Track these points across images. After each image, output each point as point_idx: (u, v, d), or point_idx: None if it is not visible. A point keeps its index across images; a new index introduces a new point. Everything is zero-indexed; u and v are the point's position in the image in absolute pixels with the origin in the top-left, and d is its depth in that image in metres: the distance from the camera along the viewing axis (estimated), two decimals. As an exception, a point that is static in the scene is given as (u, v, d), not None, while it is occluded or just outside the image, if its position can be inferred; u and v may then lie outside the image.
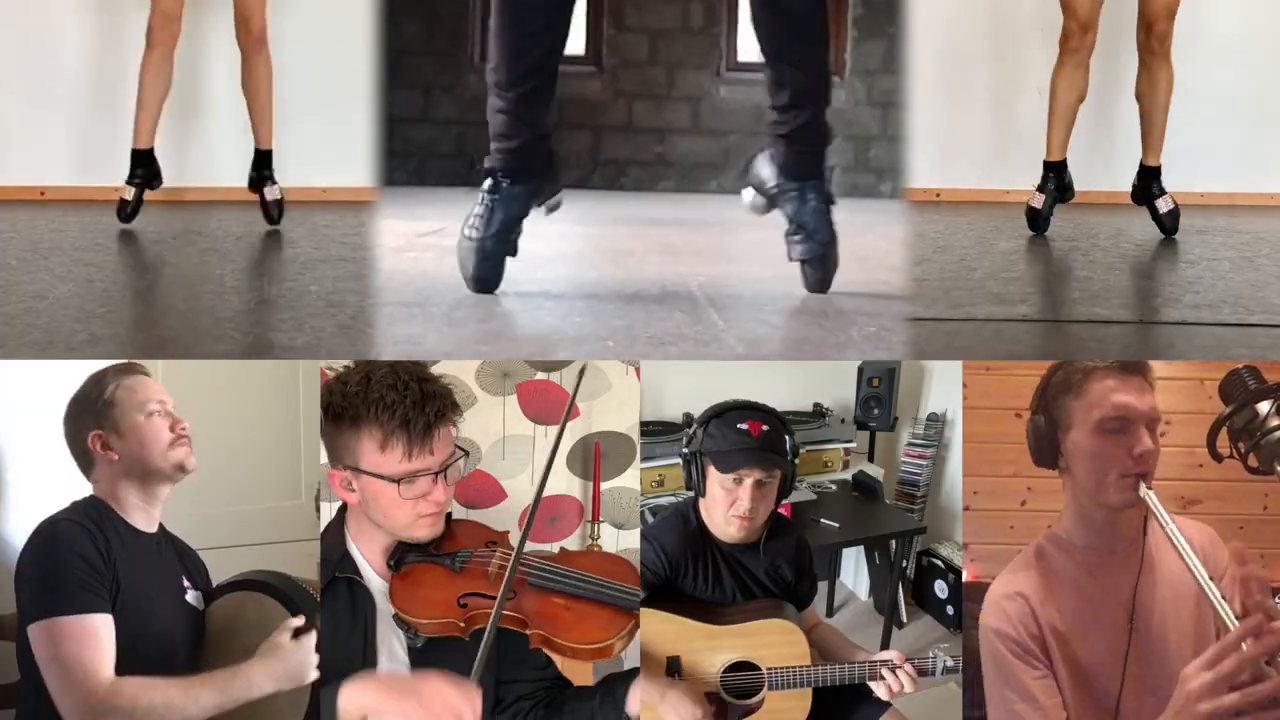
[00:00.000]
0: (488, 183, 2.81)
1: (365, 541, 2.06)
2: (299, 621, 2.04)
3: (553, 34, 2.76)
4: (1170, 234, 4.08)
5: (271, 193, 4.12)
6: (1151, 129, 4.08)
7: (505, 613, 1.93)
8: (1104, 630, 1.90)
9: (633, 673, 2.04)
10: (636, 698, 2.01)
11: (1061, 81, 4.00)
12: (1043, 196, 4.10)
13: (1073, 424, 1.90)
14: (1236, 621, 1.60)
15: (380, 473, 1.96)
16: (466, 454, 2.03)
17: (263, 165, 4.12)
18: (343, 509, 2.11)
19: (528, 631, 1.96)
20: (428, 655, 1.98)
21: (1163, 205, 4.10)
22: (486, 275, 2.79)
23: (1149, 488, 1.83)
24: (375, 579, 2.04)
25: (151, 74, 3.94)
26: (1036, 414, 1.94)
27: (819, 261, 2.89)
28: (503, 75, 2.75)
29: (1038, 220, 4.12)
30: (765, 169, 2.95)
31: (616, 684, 2.04)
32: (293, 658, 1.99)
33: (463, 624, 1.95)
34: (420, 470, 1.96)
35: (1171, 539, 1.75)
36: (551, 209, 2.89)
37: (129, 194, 4.01)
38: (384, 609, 2.01)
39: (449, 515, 2.10)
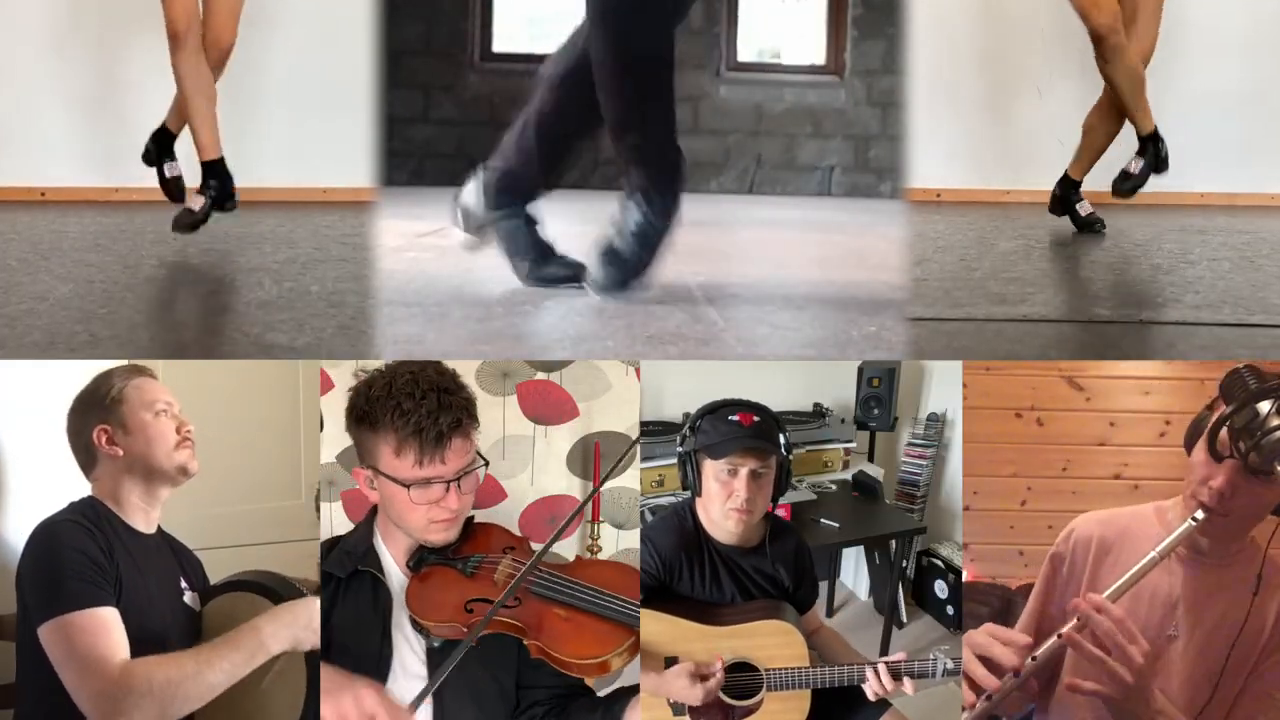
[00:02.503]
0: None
1: (391, 540, 2.12)
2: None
3: None
4: (1098, 231, 4.14)
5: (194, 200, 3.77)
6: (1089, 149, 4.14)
7: (508, 620, 1.95)
8: (1137, 618, 1.90)
9: (634, 689, 2.04)
10: (636, 715, 2.02)
11: (1119, 74, 3.95)
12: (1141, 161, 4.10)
13: (1203, 431, 1.92)
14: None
15: (394, 476, 2.01)
16: (487, 463, 2.08)
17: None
18: (374, 507, 2.16)
19: (526, 641, 1.97)
20: (444, 656, 2.01)
21: (1084, 209, 4.19)
22: None
23: (1196, 519, 1.84)
24: (397, 576, 2.09)
25: (190, 75, 3.66)
26: (1213, 406, 1.93)
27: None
28: None
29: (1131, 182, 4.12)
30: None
31: (619, 698, 2.06)
32: (301, 614, 1.99)
33: (466, 629, 1.96)
34: (432, 478, 2.00)
35: (1138, 567, 1.77)
36: None
37: (197, 205, 3.73)
38: (403, 607, 2.06)
39: (471, 518, 2.13)
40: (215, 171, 3.73)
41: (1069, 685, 1.71)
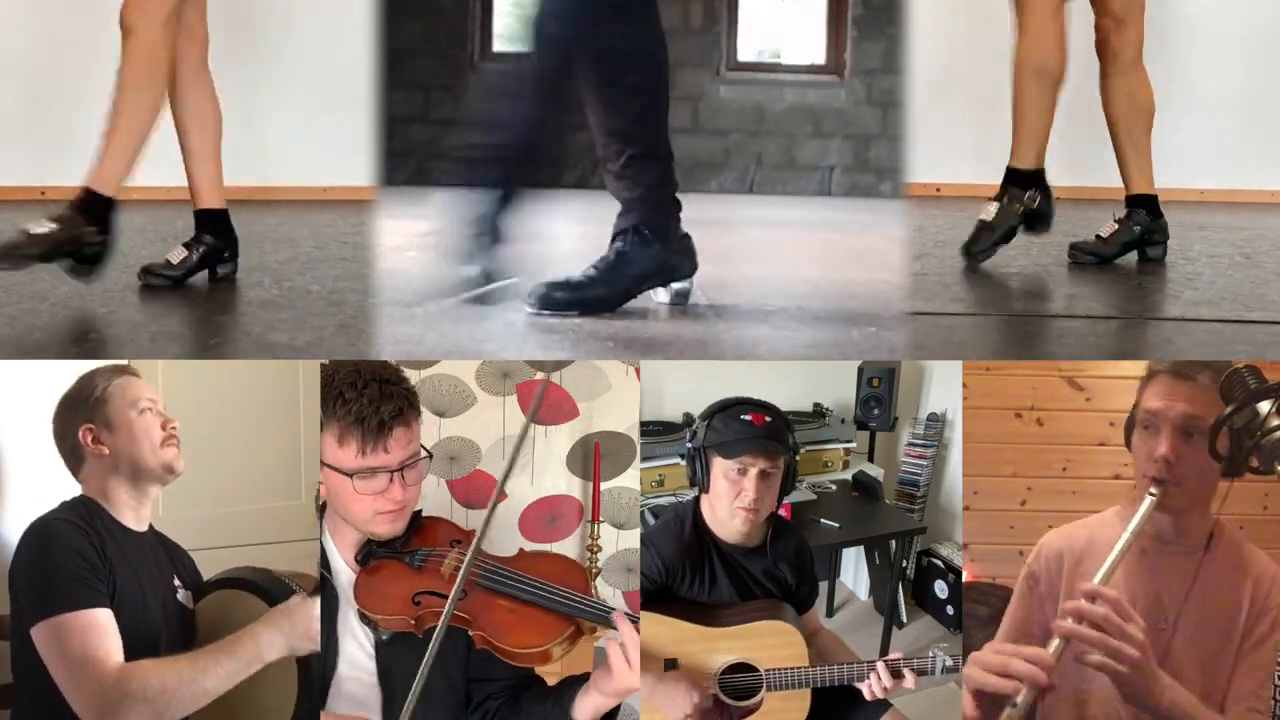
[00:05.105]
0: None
1: (339, 537, 2.13)
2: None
3: None
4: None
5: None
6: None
7: (454, 611, 1.97)
8: None
9: (584, 677, 2.05)
10: (586, 706, 2.01)
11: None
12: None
13: (1136, 415, 1.98)
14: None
15: (338, 466, 2.03)
16: (429, 456, 2.09)
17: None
18: (324, 506, 2.16)
19: (471, 632, 2.01)
20: (393, 649, 2.05)
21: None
22: None
23: (1153, 493, 1.84)
24: (345, 573, 2.10)
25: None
26: (1135, 406, 2.00)
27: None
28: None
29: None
30: None
31: (568, 688, 2.06)
32: (299, 621, 1.97)
33: (413, 621, 2.00)
34: (375, 467, 2.01)
35: (1115, 552, 1.78)
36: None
37: (177, 258, 3.25)
38: (350, 604, 2.07)
39: (418, 513, 2.15)
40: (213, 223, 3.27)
41: (1076, 657, 1.69)
